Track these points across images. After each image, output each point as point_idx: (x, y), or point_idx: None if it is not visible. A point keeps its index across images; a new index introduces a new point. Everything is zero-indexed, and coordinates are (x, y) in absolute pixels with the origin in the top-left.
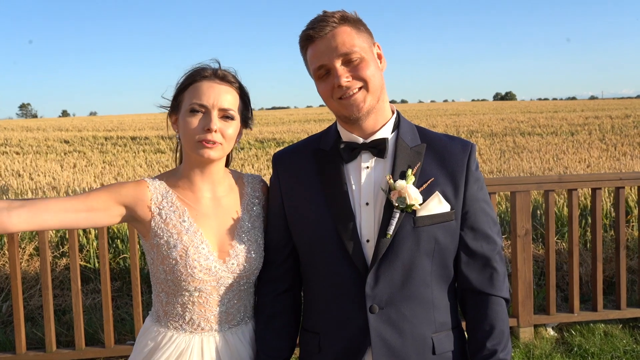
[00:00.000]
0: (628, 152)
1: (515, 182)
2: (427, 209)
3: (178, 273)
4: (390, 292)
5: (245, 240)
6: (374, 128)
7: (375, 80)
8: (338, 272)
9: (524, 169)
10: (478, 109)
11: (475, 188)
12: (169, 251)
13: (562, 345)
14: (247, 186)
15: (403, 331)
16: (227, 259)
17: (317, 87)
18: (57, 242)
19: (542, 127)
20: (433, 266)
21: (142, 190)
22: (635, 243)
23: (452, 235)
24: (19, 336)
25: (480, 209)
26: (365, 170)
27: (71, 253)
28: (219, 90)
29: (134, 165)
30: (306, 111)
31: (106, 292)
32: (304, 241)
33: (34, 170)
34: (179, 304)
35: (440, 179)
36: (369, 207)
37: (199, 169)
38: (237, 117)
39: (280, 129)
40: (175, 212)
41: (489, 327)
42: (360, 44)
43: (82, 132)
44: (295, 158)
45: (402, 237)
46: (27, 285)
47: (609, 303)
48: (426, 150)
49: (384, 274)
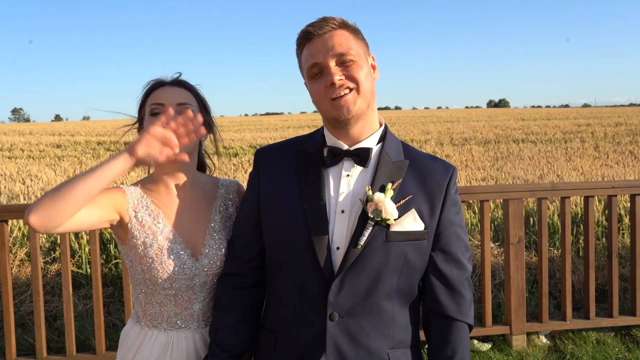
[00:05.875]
0: (621, 160)
1: (508, 190)
2: (401, 225)
3: (155, 271)
4: (352, 302)
5: (217, 239)
6: (360, 137)
7: (366, 84)
8: (304, 276)
9: (517, 176)
10: (471, 116)
11: (452, 212)
12: (146, 250)
13: (555, 353)
14: (221, 188)
15: (359, 343)
16: (199, 257)
17: (309, 88)
18: (49, 247)
19: (535, 134)
20: (399, 283)
21: (123, 196)
22: (627, 251)
23: (422, 254)
24: (9, 342)
25: (454, 232)
26: (345, 178)
27: (63, 259)
28: (173, 91)
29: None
30: (300, 117)
31: (98, 298)
32: (274, 240)
33: (26, 175)
34: (157, 303)
35: (418, 197)
36: (344, 215)
37: (170, 171)
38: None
39: (274, 135)
40: (150, 215)
41: (451, 353)
42: (356, 48)
43: (75, 136)
44: (278, 156)
45: (372, 249)
46: (18, 290)
47: (602, 311)
48: (408, 167)
49: (349, 283)
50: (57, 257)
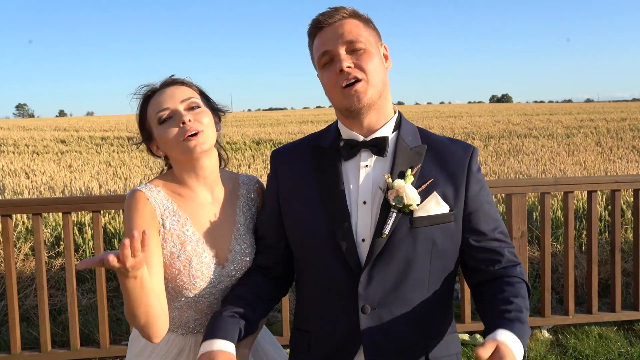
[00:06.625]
0: (624, 155)
1: (511, 185)
2: (424, 210)
3: (180, 282)
4: (382, 293)
5: (242, 244)
6: (375, 126)
7: (376, 75)
8: (332, 271)
9: (519, 171)
10: (474, 111)
11: (477, 189)
12: (172, 261)
13: (557, 348)
14: (242, 187)
15: (394, 333)
16: (225, 264)
17: (320, 78)
18: (53, 242)
19: (538, 129)
20: (431, 270)
21: (147, 204)
22: (630, 246)
23: (451, 238)
24: (14, 336)
25: (483, 211)
26: (364, 169)
27: (67, 253)
28: (173, 90)
29: (130, 165)
30: (303, 112)
31: (102, 293)
32: (297, 239)
33: (30, 170)
34: (176, 309)
35: (440, 180)
36: (366, 206)
37: (194, 172)
38: (202, 105)
39: (276, 130)
40: (178, 222)
41: (515, 293)
42: (366, 36)
43: (79, 132)
44: (293, 155)
45: (398, 237)
46: (23, 285)
47: (604, 305)
48: (427, 152)
49: (378, 274)
50: (61, 251)
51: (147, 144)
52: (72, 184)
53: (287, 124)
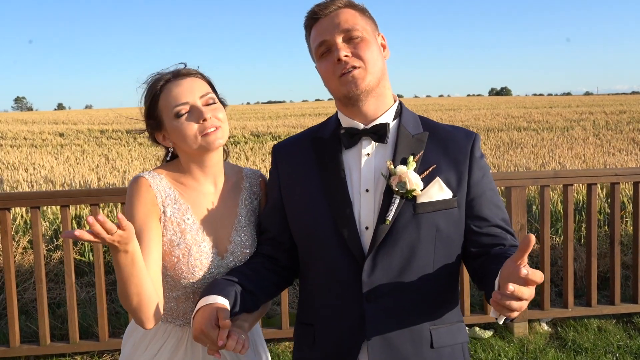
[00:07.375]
0: (623, 148)
1: (511, 177)
2: (427, 195)
3: (179, 270)
4: (387, 281)
5: (242, 236)
6: (375, 114)
7: (374, 63)
8: (335, 261)
9: (519, 164)
10: (473, 104)
11: (480, 175)
12: (172, 249)
13: (556, 340)
14: (245, 180)
15: (400, 322)
16: (225, 255)
17: (318, 69)
18: (51, 235)
19: (537, 122)
20: (435, 257)
21: (149, 191)
22: (629, 239)
23: (455, 224)
24: (13, 329)
25: (486, 198)
26: (365, 157)
27: (65, 246)
28: (190, 83)
29: (128, 159)
30: (302, 105)
31: (100, 286)
32: (300, 230)
33: (29, 163)
34: (174, 299)
35: (443, 166)
36: (368, 194)
37: (201, 163)
38: (216, 100)
39: (275, 123)
40: (179, 210)
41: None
42: (363, 24)
43: (77, 125)
44: (294, 148)
45: (401, 224)
46: (21, 278)
47: (603, 298)
48: (429, 139)
49: (382, 261)
50: (59, 244)
51: (152, 132)
52: (71, 177)
53: (287, 116)
